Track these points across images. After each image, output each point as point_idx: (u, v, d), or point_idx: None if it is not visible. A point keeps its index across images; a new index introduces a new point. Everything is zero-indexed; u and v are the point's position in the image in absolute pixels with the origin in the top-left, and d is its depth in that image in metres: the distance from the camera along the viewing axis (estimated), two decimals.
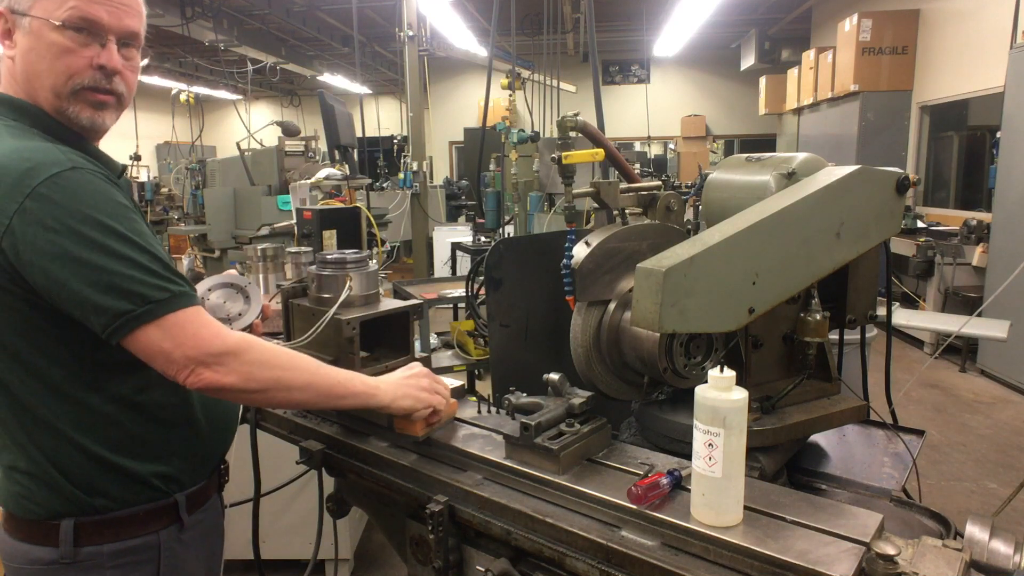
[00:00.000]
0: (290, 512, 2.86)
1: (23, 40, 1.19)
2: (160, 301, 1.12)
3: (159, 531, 1.30)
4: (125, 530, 1.27)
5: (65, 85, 1.20)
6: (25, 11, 1.17)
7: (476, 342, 3.84)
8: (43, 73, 1.19)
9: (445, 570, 1.34)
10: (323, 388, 1.29)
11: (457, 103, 15.19)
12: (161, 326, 1.12)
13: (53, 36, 1.18)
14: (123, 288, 1.10)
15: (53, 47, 1.18)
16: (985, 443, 4.49)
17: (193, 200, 7.28)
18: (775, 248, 1.24)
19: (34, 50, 1.19)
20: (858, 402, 1.52)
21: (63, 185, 1.10)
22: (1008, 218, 5.51)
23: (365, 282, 1.69)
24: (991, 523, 1.07)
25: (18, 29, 1.19)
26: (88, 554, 1.24)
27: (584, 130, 1.62)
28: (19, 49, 1.19)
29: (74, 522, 1.24)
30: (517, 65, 6.76)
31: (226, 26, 9.21)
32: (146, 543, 1.29)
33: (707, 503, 1.08)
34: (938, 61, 7.56)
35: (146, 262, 1.13)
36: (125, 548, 1.27)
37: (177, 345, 1.12)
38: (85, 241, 1.09)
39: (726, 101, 14.67)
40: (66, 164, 1.12)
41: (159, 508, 1.31)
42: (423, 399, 1.41)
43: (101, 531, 1.25)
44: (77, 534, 1.24)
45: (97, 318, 1.11)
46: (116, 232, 1.11)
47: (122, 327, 1.11)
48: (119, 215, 1.13)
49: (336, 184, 4.13)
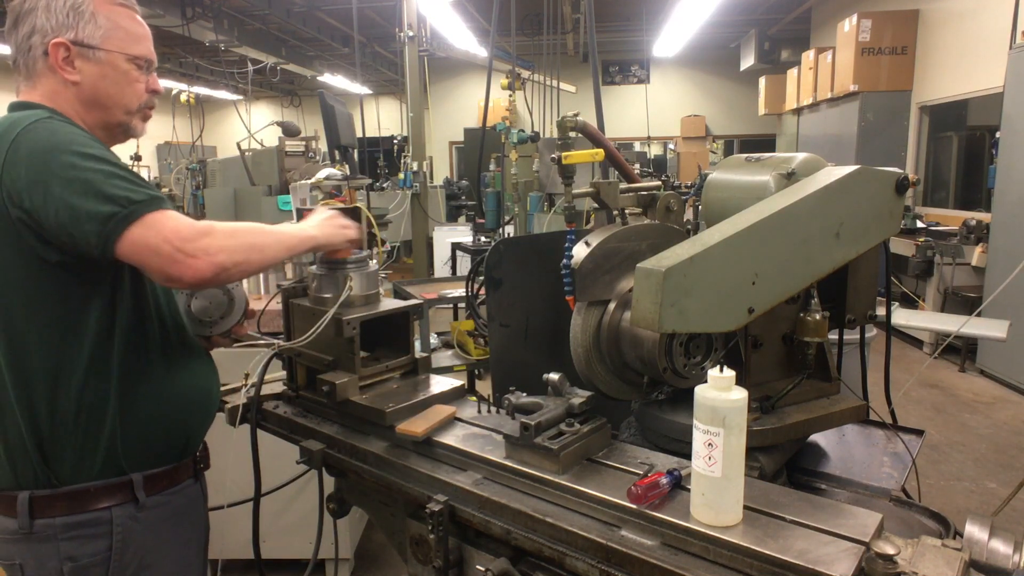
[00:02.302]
0: (290, 512, 2.86)
1: (93, 68, 1.41)
2: (142, 202, 1.26)
3: (112, 507, 1.38)
4: (77, 504, 1.35)
5: (133, 105, 1.47)
6: (97, 45, 1.40)
7: (476, 342, 3.84)
8: (116, 96, 1.44)
9: (445, 570, 1.34)
10: (284, 243, 1.47)
11: (457, 103, 15.19)
12: (146, 223, 1.25)
13: (126, 67, 1.44)
14: (109, 194, 1.24)
15: (127, 76, 1.44)
16: (984, 443, 4.49)
17: (194, 200, 7.27)
18: (775, 248, 1.24)
19: (108, 77, 1.42)
20: (857, 402, 1.53)
21: (42, 128, 1.29)
22: (1007, 218, 5.51)
23: (365, 282, 1.69)
24: (990, 523, 1.07)
25: (83, 59, 1.40)
26: (42, 526, 1.33)
27: (584, 130, 1.62)
28: (87, 76, 1.41)
29: (29, 495, 1.33)
30: (517, 65, 6.76)
31: (226, 26, 9.21)
32: (97, 518, 1.36)
33: (707, 503, 1.09)
34: (938, 61, 7.56)
35: (123, 174, 1.29)
36: (76, 522, 1.35)
37: (163, 239, 1.25)
38: (69, 163, 1.26)
39: (726, 101, 14.67)
40: (45, 115, 1.32)
41: (111, 485, 1.38)
42: (346, 233, 1.63)
43: (53, 504, 1.34)
44: (32, 506, 1.32)
45: (91, 225, 1.23)
46: (93, 155, 1.28)
47: (115, 229, 1.23)
48: (93, 144, 1.32)
49: (336, 184, 4.12)
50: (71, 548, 1.34)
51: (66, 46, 1.37)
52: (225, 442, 1.87)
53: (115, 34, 1.42)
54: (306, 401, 1.75)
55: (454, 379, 1.74)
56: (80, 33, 1.38)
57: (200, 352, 1.61)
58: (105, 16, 1.40)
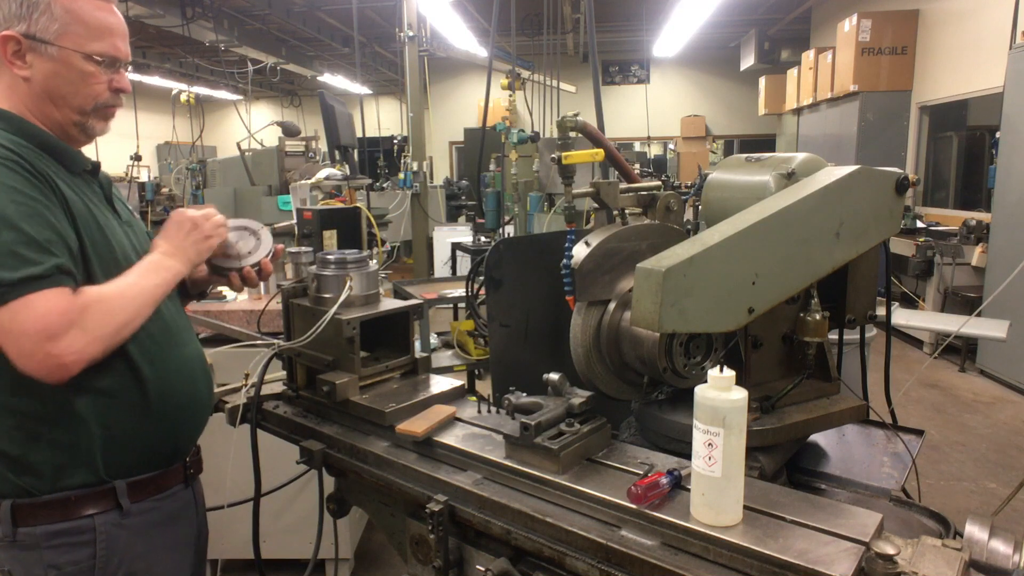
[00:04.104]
0: (290, 512, 2.86)
1: (45, 65, 1.31)
2: (13, 284, 1.15)
3: (95, 515, 1.34)
4: (58, 512, 1.32)
5: (90, 105, 1.37)
6: (51, 40, 1.30)
7: (476, 342, 3.84)
8: (69, 95, 1.34)
9: (445, 570, 1.34)
10: (154, 297, 1.35)
11: (457, 103, 15.19)
12: (12, 308, 1.15)
13: (82, 65, 1.33)
14: None
15: (83, 74, 1.34)
16: (984, 443, 4.49)
17: (194, 200, 7.29)
18: (775, 248, 1.24)
19: (60, 75, 1.32)
20: (857, 402, 1.53)
21: None
22: (1007, 218, 5.51)
23: (365, 282, 1.69)
24: (990, 523, 1.07)
25: (34, 53, 1.30)
26: (25, 534, 1.31)
27: (584, 130, 1.62)
28: (38, 72, 1.31)
29: (12, 503, 1.30)
30: (517, 65, 6.76)
31: (226, 26, 9.21)
32: (80, 526, 1.33)
33: (707, 503, 1.09)
34: (938, 61, 7.56)
35: (12, 245, 1.17)
36: (59, 530, 1.32)
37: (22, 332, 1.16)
38: None
39: (726, 101, 14.67)
40: None
41: (94, 493, 1.35)
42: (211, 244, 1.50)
43: (36, 513, 1.31)
44: (15, 515, 1.30)
45: None
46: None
47: None
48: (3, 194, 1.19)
49: (336, 184, 4.13)
50: (54, 556, 1.31)
51: (16, 40, 1.28)
52: (225, 442, 1.87)
53: (72, 28, 1.30)
54: (306, 401, 1.75)
55: (454, 379, 1.74)
56: (33, 26, 1.28)
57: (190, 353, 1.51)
58: (63, 8, 1.29)
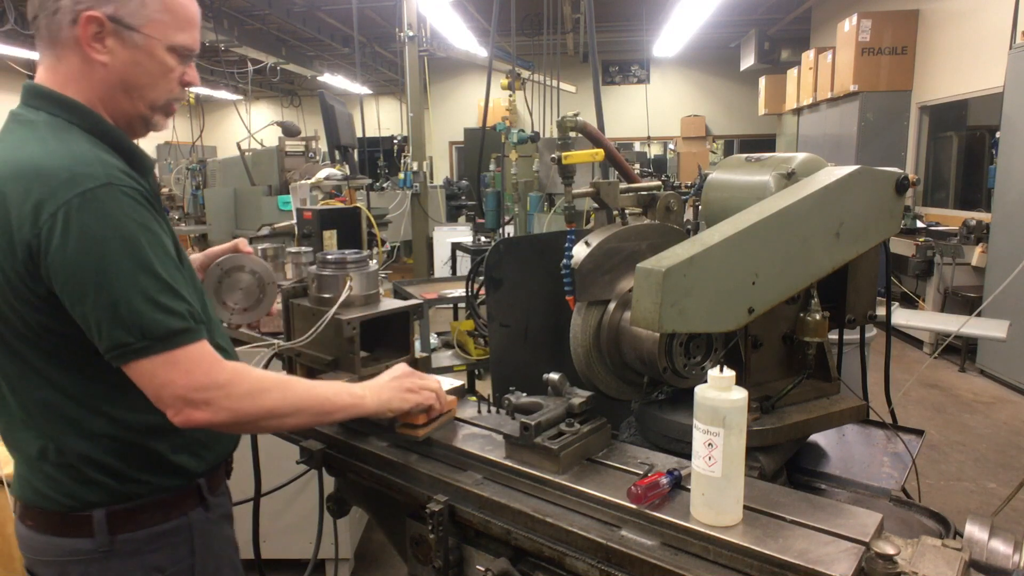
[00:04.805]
0: (290, 512, 2.86)
1: (125, 52, 1.21)
2: (158, 338, 1.13)
3: (188, 512, 1.33)
4: (158, 515, 1.29)
5: (162, 99, 1.29)
6: (136, 27, 1.20)
7: (476, 342, 3.84)
8: (146, 87, 1.25)
9: (445, 570, 1.34)
10: (313, 409, 1.30)
11: (457, 103, 15.19)
12: (154, 362, 1.14)
13: (164, 56, 1.24)
14: (126, 319, 1.12)
15: (163, 67, 1.25)
16: (984, 443, 4.49)
17: (194, 200, 7.29)
18: (775, 248, 1.24)
19: (140, 65, 1.23)
20: (857, 402, 1.53)
21: (94, 202, 1.12)
22: (1007, 218, 5.51)
23: (365, 282, 1.69)
24: (990, 523, 1.07)
25: (115, 38, 1.20)
26: (124, 541, 1.26)
27: (584, 130, 1.62)
28: (117, 59, 1.21)
29: (106, 511, 1.25)
30: (517, 65, 6.76)
31: (226, 26, 9.21)
32: (179, 525, 1.31)
33: (707, 503, 1.09)
34: (938, 61, 7.56)
35: (154, 293, 1.14)
36: (160, 532, 1.29)
37: (165, 384, 1.14)
38: (104, 263, 1.11)
39: (726, 101, 14.67)
40: (101, 179, 1.13)
41: (186, 491, 1.33)
42: (410, 399, 1.42)
43: (134, 518, 1.27)
44: (111, 522, 1.25)
45: (99, 341, 1.14)
46: (134, 256, 1.13)
47: (119, 357, 1.14)
48: (138, 240, 1.15)
49: (336, 184, 4.13)
50: (157, 559, 1.28)
51: (100, 21, 1.17)
52: None
53: (160, 16, 1.22)
54: None
55: (454, 379, 1.74)
56: (121, 9, 1.18)
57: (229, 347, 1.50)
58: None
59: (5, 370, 1.23)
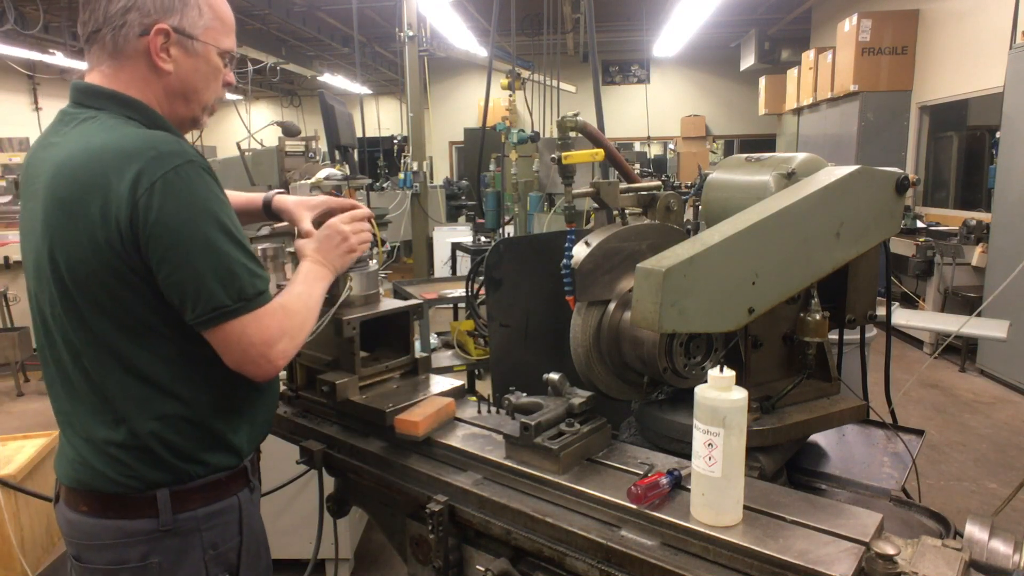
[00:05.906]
0: (290, 512, 2.86)
1: (187, 60, 1.31)
2: (249, 298, 1.24)
3: (238, 493, 1.39)
4: (213, 494, 1.35)
5: (212, 100, 1.40)
6: (196, 35, 1.31)
7: (476, 342, 3.84)
8: (201, 90, 1.36)
9: (445, 570, 1.34)
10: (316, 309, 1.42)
11: (457, 103, 15.19)
12: (243, 321, 1.23)
13: (216, 61, 1.35)
14: (226, 282, 1.21)
15: (215, 71, 1.36)
16: (985, 443, 4.49)
17: None
18: (775, 248, 1.24)
19: (199, 71, 1.33)
20: (858, 402, 1.53)
21: (184, 176, 1.21)
22: (1008, 218, 5.51)
23: (365, 282, 1.69)
24: (991, 523, 1.07)
25: (179, 48, 1.30)
26: (185, 519, 1.31)
27: (584, 130, 1.62)
28: (180, 67, 1.31)
29: (169, 491, 1.30)
30: (517, 65, 6.75)
31: None
32: (230, 505, 1.37)
33: (707, 503, 1.09)
34: (938, 61, 7.56)
35: (243, 258, 1.25)
36: (216, 511, 1.35)
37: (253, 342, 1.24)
38: (199, 232, 1.20)
39: (726, 101, 14.67)
40: (186, 156, 1.23)
41: (237, 471, 1.39)
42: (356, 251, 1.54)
43: (193, 497, 1.32)
44: (173, 502, 1.30)
45: (194, 306, 1.21)
46: (224, 226, 1.24)
47: (215, 319, 1.21)
48: (224, 211, 1.25)
49: (336, 184, 4.11)
50: (212, 536, 1.34)
51: (168, 32, 1.27)
52: None
53: (213, 23, 1.33)
54: (306, 401, 1.75)
55: (454, 379, 1.74)
56: (184, 20, 1.28)
57: None
58: (208, 3, 1.31)
59: (84, 354, 1.26)
